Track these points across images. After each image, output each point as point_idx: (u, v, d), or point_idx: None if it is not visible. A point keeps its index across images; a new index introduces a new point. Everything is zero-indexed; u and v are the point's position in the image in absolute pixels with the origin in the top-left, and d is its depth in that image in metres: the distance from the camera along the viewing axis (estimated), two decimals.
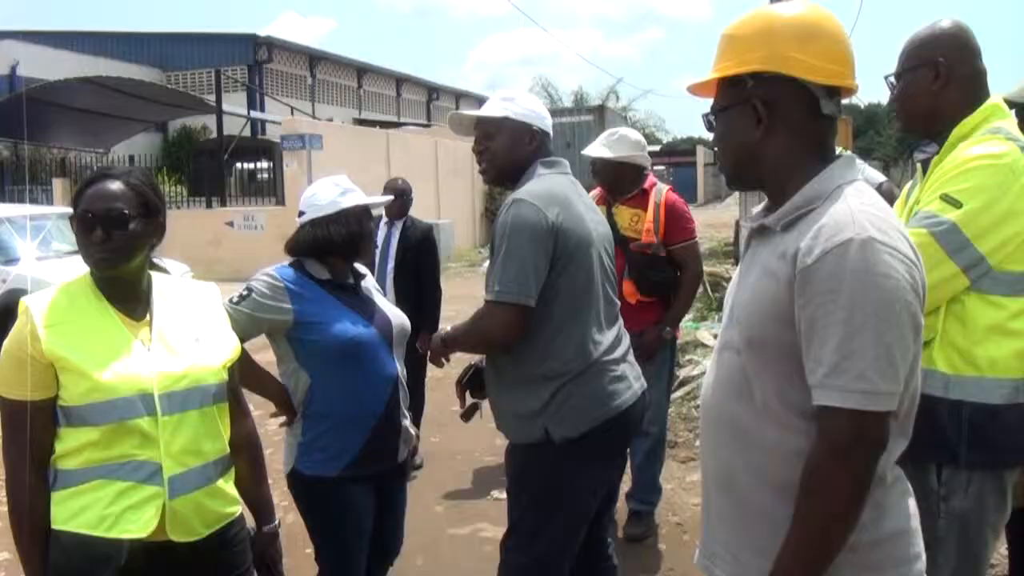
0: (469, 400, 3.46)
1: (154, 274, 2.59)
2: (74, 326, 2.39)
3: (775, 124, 1.93)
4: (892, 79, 2.83)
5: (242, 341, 3.21)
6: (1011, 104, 3.30)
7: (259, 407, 8.72)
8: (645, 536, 5.20)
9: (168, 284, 2.62)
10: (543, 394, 3.11)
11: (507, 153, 3.32)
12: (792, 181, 1.92)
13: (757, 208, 2.10)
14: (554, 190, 3.17)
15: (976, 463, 2.56)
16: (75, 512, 2.36)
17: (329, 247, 3.35)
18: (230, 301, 3.20)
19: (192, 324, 2.57)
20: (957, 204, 2.50)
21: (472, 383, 3.43)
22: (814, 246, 1.76)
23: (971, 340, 2.54)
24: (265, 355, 3.47)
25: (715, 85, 2.03)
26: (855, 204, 1.81)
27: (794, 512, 1.77)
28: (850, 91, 1.98)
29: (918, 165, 2.95)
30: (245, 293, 3.24)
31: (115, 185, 2.44)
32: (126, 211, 2.41)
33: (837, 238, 1.74)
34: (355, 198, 3.42)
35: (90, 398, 2.33)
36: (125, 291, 2.49)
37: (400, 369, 3.41)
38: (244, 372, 3.27)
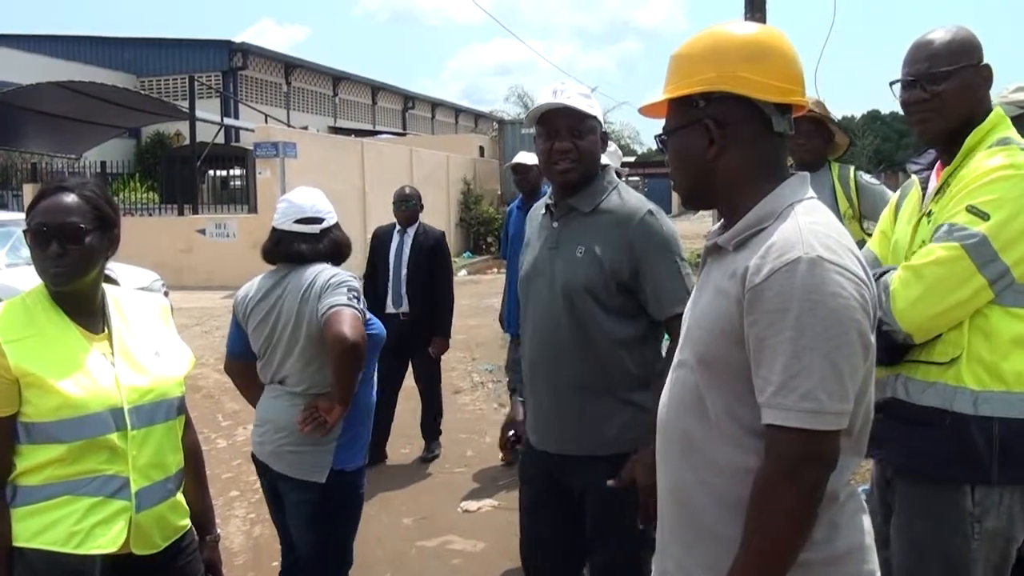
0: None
1: (106, 287, 2.56)
2: (37, 341, 2.34)
3: (727, 143, 1.92)
4: (920, 79, 2.67)
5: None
6: None
7: (228, 417, 8.68)
8: None
9: (122, 296, 2.60)
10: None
11: (594, 156, 3.07)
12: (745, 200, 1.91)
13: (714, 226, 2.10)
14: None
15: (1008, 480, 2.49)
16: (41, 529, 2.32)
17: (348, 249, 3.61)
18: (353, 302, 3.30)
19: (150, 337, 2.56)
20: (984, 216, 2.45)
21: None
22: (762, 265, 1.76)
23: (998, 354, 2.48)
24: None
25: (666, 106, 2.02)
26: (804, 223, 1.81)
27: (743, 530, 1.77)
28: (801, 108, 1.97)
29: (914, 177, 2.89)
30: (353, 294, 3.34)
31: (70, 198, 2.40)
32: (82, 224, 2.36)
33: (785, 257, 1.74)
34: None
35: (60, 414, 2.29)
36: (82, 305, 2.45)
37: None
38: (349, 377, 3.27)
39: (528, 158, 5.96)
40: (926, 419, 2.50)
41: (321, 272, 3.39)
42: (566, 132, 3.00)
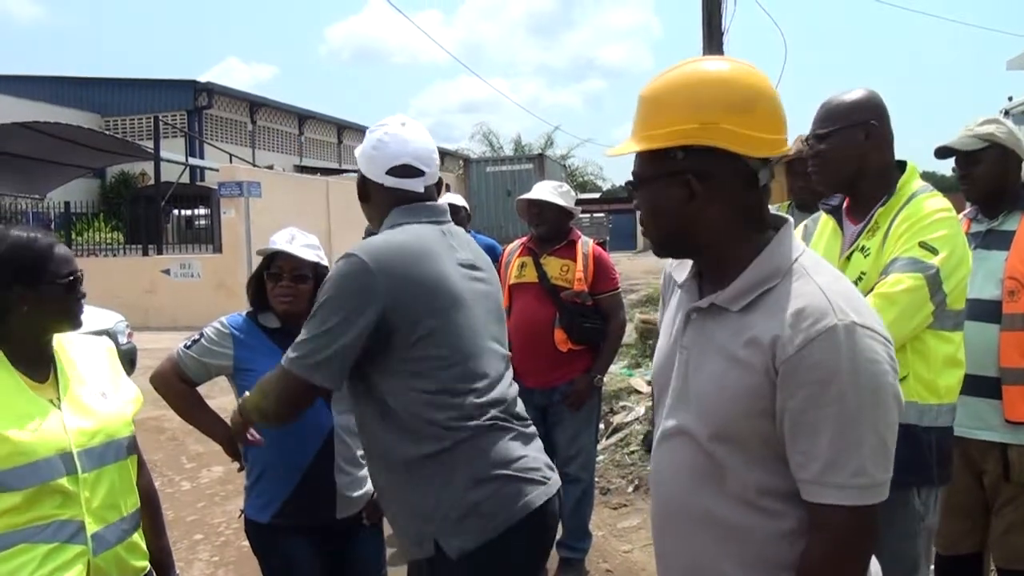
0: None
1: None
2: None
3: (711, 197, 1.78)
4: (812, 138, 3.01)
5: (194, 384, 3.35)
6: (952, 151, 3.61)
7: (192, 460, 8.63)
8: None
9: (65, 341, 2.61)
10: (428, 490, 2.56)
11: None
12: (734, 255, 1.81)
13: (681, 273, 1.98)
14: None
15: (942, 480, 2.87)
16: None
17: (252, 296, 3.43)
18: (183, 346, 3.33)
19: (95, 379, 2.58)
20: (935, 251, 2.74)
21: None
22: (795, 335, 1.66)
23: (934, 372, 2.81)
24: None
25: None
26: (825, 284, 1.72)
27: None
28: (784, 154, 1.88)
29: (820, 214, 3.19)
30: (197, 338, 3.34)
31: None
32: None
33: (820, 325, 1.65)
34: (274, 246, 3.33)
35: (10, 463, 2.28)
36: (28, 352, 2.46)
37: (346, 420, 3.21)
38: (193, 412, 3.38)
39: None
40: None
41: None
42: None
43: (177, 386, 3.33)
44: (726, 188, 1.78)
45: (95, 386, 2.56)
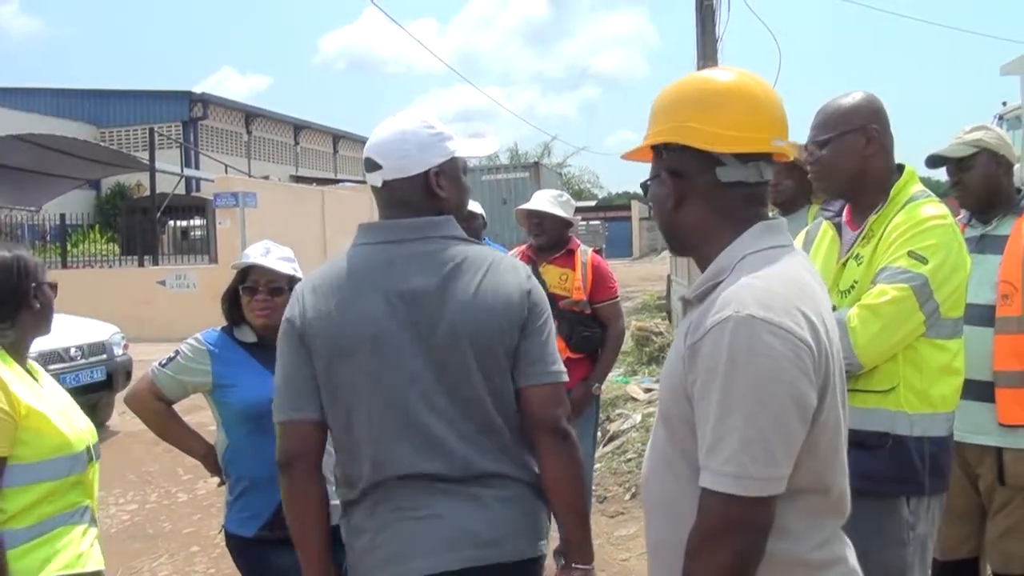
0: None
1: None
2: (23, 383, 2.51)
3: (686, 194, 1.89)
4: (812, 144, 2.98)
5: (170, 402, 3.35)
6: (943, 159, 3.62)
7: (188, 471, 8.64)
8: None
9: None
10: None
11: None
12: (709, 252, 1.88)
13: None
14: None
15: (934, 490, 2.80)
16: (47, 558, 2.45)
17: (227, 311, 3.40)
18: (158, 364, 3.33)
19: (57, 387, 2.77)
20: (924, 260, 2.70)
21: None
22: (700, 324, 1.73)
23: (928, 382, 2.75)
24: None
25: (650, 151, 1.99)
26: (746, 278, 1.74)
27: None
28: (782, 154, 1.91)
29: (820, 220, 3.16)
30: (172, 355, 3.34)
31: None
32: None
33: (718, 315, 1.69)
34: (248, 259, 3.30)
35: (60, 452, 2.48)
36: (21, 354, 2.64)
37: None
38: (170, 430, 3.43)
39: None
40: (868, 442, 2.69)
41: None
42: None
43: (153, 405, 3.33)
44: (698, 185, 1.88)
45: (62, 393, 2.75)
